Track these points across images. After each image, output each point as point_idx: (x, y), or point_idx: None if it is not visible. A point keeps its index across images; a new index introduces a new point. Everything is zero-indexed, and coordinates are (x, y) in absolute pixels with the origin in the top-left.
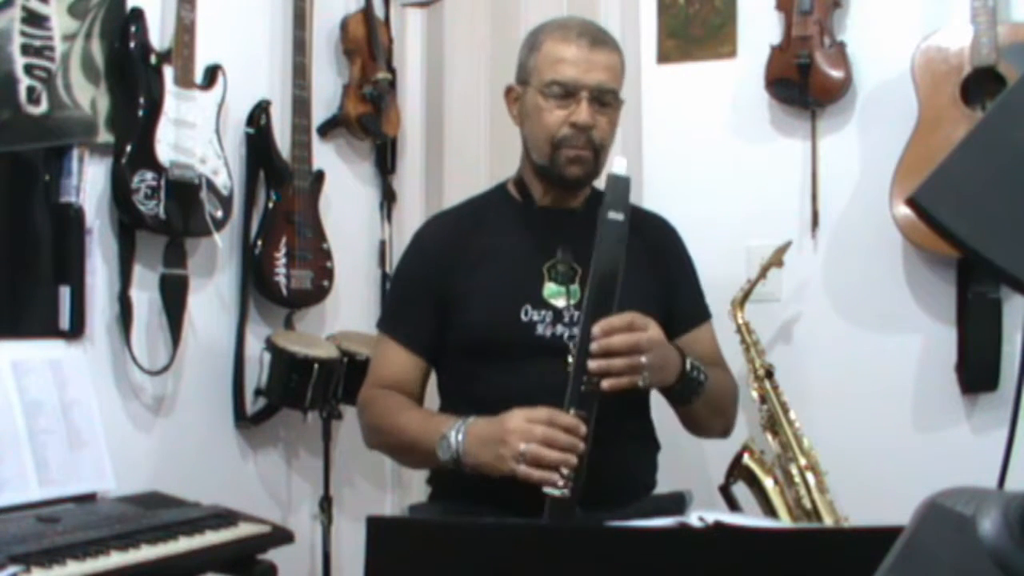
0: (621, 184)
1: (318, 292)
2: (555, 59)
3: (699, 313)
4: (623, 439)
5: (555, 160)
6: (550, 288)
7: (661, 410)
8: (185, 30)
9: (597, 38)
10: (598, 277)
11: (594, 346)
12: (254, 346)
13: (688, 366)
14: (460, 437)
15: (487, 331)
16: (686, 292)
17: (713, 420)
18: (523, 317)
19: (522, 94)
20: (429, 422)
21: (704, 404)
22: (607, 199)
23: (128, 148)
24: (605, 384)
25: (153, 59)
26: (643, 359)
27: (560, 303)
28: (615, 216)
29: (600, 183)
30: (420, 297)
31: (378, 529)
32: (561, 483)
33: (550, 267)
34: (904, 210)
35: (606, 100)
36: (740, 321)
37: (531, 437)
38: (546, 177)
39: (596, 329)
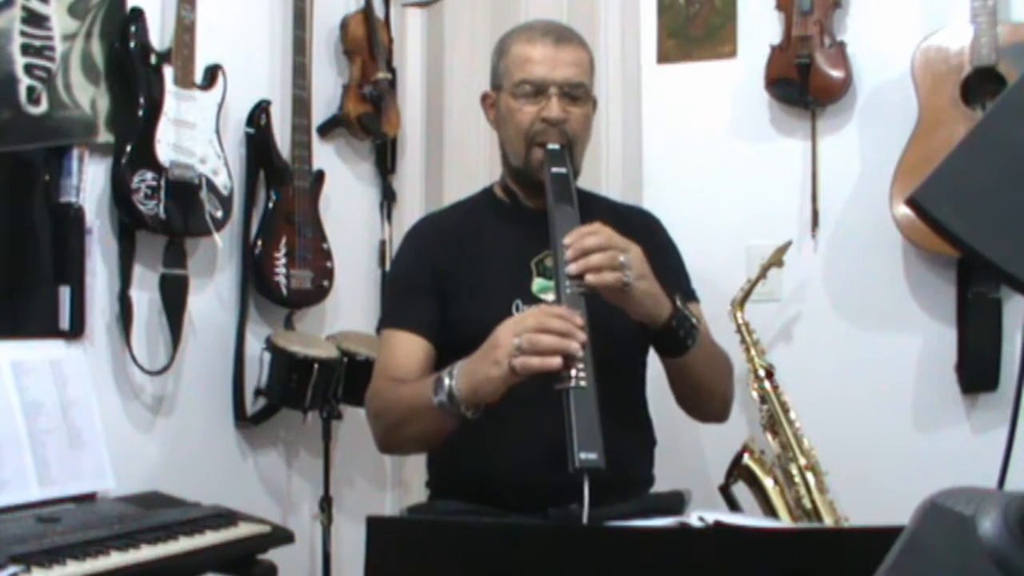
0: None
1: (318, 292)
2: (523, 59)
3: (685, 295)
4: (618, 431)
5: (530, 159)
6: (539, 283)
7: (660, 409)
8: (185, 30)
9: (562, 36)
10: (556, 202)
11: (569, 252)
12: (254, 346)
13: (678, 301)
14: (453, 371)
15: (479, 327)
16: (670, 276)
17: (714, 383)
18: (514, 312)
19: (496, 99)
20: (425, 381)
21: (705, 356)
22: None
23: (128, 148)
24: (589, 278)
25: (153, 59)
26: (621, 257)
27: (550, 297)
28: (558, 170)
29: (584, 182)
30: (420, 288)
31: (378, 529)
32: (572, 373)
33: (538, 262)
34: (904, 210)
35: (576, 95)
36: (740, 321)
37: (523, 327)
38: (524, 181)
39: (567, 239)
